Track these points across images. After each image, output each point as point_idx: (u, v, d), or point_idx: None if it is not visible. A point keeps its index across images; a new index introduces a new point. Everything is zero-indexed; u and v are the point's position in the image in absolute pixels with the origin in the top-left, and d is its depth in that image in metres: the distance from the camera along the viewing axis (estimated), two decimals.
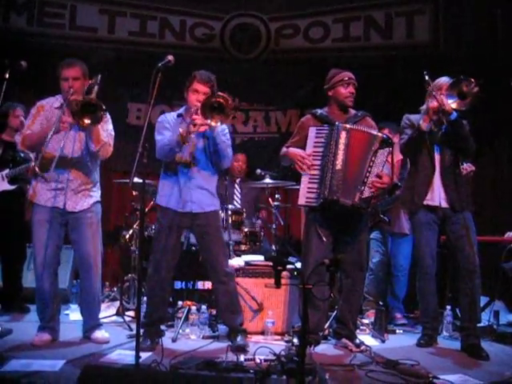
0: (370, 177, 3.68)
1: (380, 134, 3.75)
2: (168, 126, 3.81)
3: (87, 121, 3.47)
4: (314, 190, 3.74)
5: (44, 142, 3.51)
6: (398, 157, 4.92)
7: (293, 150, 3.90)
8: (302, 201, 3.80)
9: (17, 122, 4.83)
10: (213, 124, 3.52)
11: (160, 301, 3.83)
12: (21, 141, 3.75)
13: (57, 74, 3.74)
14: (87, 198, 3.80)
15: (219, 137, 3.70)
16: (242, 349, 3.60)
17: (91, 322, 3.85)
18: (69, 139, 3.71)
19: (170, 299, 4.43)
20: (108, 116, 3.87)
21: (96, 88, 3.65)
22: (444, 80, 3.95)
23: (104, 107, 3.49)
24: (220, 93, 3.53)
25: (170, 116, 3.92)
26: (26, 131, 3.74)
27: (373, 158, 3.69)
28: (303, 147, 3.85)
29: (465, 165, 4.25)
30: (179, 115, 3.88)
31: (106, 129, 3.80)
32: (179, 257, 3.87)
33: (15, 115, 4.84)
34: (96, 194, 3.90)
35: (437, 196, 3.94)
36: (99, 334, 3.80)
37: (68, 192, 3.72)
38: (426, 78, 3.85)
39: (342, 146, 3.69)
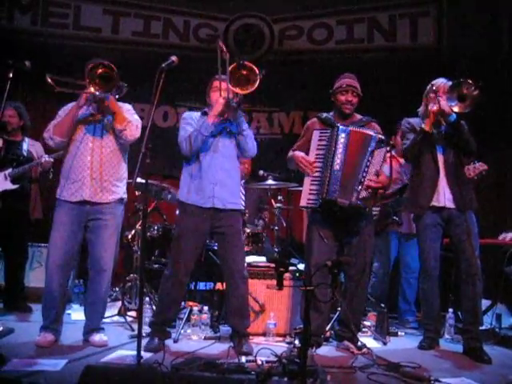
0: (366, 177, 3.68)
1: (377, 135, 3.74)
2: (192, 122, 3.80)
3: (99, 86, 3.57)
4: (315, 192, 3.75)
5: (73, 123, 3.67)
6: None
7: (297, 153, 3.91)
8: (303, 202, 3.81)
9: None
10: (239, 91, 3.57)
11: (173, 302, 3.79)
12: (52, 130, 3.71)
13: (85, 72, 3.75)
14: (108, 192, 3.76)
15: (244, 123, 3.74)
16: (247, 354, 3.59)
17: (92, 325, 3.80)
18: (87, 122, 3.76)
19: None
20: (132, 109, 3.94)
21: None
22: (441, 81, 3.95)
23: (122, 83, 3.64)
24: (246, 62, 3.59)
25: (195, 114, 3.92)
26: (54, 123, 3.77)
27: (370, 158, 3.70)
28: (308, 150, 3.86)
29: (477, 164, 4.16)
30: (204, 113, 3.87)
31: (132, 116, 3.83)
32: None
33: (3, 115, 4.84)
34: (120, 190, 3.84)
35: (442, 197, 3.94)
36: (97, 337, 3.74)
37: (88, 181, 3.69)
38: (434, 88, 3.87)
39: (340, 146, 3.72)
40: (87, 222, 3.75)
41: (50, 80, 3.64)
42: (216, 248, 4.22)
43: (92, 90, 3.57)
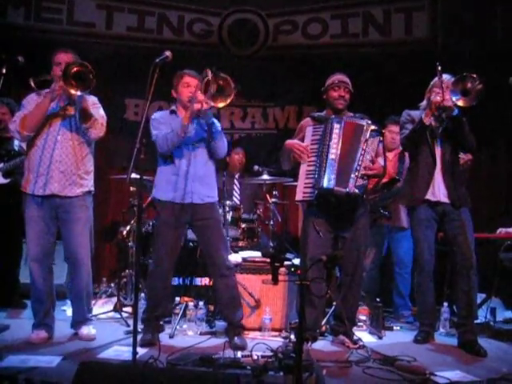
0: (362, 164, 3.71)
1: (370, 124, 3.78)
2: (163, 121, 3.82)
3: (76, 87, 3.49)
4: (310, 185, 3.76)
5: (44, 117, 3.60)
6: (396, 151, 4.93)
7: (290, 140, 3.94)
8: (299, 196, 3.82)
9: None
10: (216, 105, 3.59)
11: (162, 296, 3.83)
12: (19, 124, 3.63)
13: (51, 61, 3.73)
14: (76, 186, 3.72)
15: (215, 125, 3.77)
16: (241, 348, 3.60)
17: (78, 318, 3.82)
18: (55, 115, 3.71)
19: None
20: (98, 102, 3.87)
21: None
22: (446, 77, 3.95)
23: (93, 74, 3.48)
24: (222, 74, 3.58)
25: (163, 113, 3.96)
26: (20, 115, 3.68)
27: (364, 147, 3.73)
28: None
29: (462, 154, 4.24)
30: (172, 111, 3.91)
31: (97, 112, 3.77)
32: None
33: None
34: (87, 183, 3.81)
35: (437, 191, 3.95)
36: (85, 330, 3.76)
37: (56, 174, 3.65)
38: (439, 68, 3.84)
39: (335, 136, 3.75)
40: (57, 214, 3.72)
41: (33, 84, 3.65)
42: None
43: (72, 92, 3.50)
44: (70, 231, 3.73)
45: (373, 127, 3.77)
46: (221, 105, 3.62)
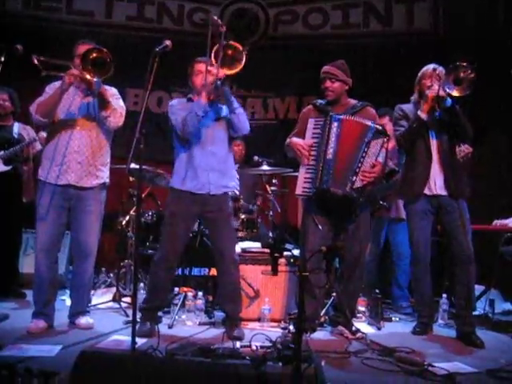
0: (361, 167, 3.66)
1: (374, 125, 3.71)
2: (181, 107, 3.79)
3: (93, 72, 3.49)
4: (309, 180, 3.74)
5: (57, 105, 3.63)
6: (393, 143, 4.90)
7: (294, 140, 3.90)
8: (298, 191, 3.80)
9: None
10: (230, 72, 3.55)
11: (164, 287, 3.83)
12: (35, 108, 3.66)
13: (72, 54, 3.74)
14: (92, 177, 3.76)
15: (235, 102, 3.72)
16: (239, 339, 3.61)
17: (78, 308, 3.84)
18: (74, 104, 3.74)
19: None
20: (118, 94, 3.90)
21: None
22: (432, 67, 3.94)
23: (111, 60, 3.49)
24: (230, 42, 3.56)
25: (181, 100, 3.93)
26: (39, 99, 3.72)
27: (365, 149, 3.67)
28: (304, 138, 3.85)
29: (462, 146, 4.19)
30: (189, 99, 3.87)
31: (117, 103, 3.81)
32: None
33: None
34: (104, 175, 3.84)
35: (433, 184, 3.93)
36: (83, 319, 3.78)
37: (73, 165, 3.68)
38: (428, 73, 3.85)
39: (333, 136, 3.69)
40: (70, 205, 3.74)
41: (36, 61, 3.60)
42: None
43: (88, 77, 3.52)
44: (82, 222, 3.75)
45: (377, 128, 3.70)
46: (234, 71, 3.56)
